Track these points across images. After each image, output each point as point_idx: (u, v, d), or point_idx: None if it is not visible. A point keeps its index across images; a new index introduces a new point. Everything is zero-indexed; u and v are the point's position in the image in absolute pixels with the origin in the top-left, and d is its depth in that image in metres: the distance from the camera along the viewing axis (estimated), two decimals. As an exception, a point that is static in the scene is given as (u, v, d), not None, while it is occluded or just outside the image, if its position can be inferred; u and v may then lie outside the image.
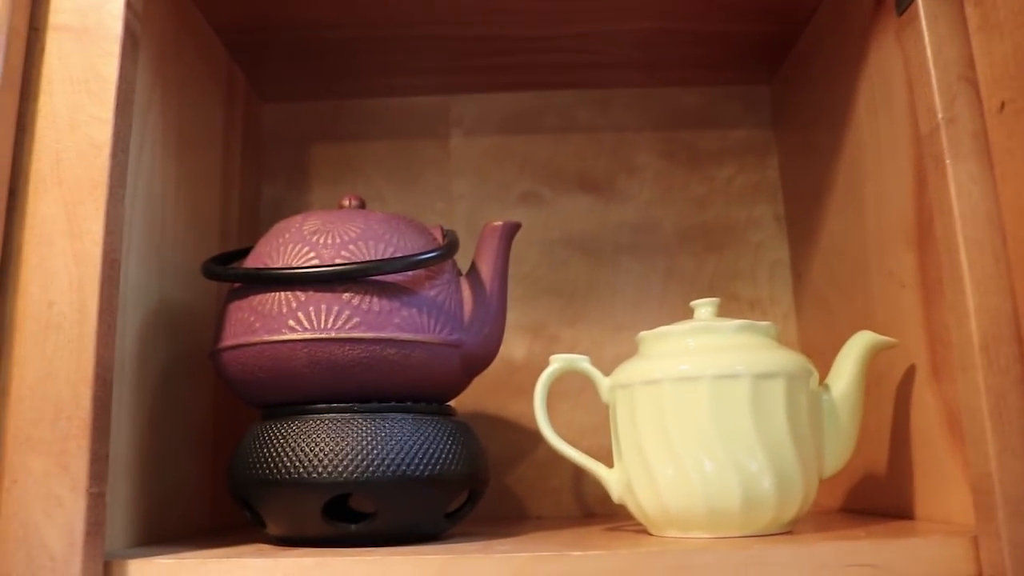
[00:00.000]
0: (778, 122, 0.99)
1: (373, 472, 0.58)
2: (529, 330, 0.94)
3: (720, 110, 1.00)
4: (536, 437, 0.91)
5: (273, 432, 0.60)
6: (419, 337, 0.61)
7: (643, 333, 0.65)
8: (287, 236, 0.65)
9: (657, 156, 0.99)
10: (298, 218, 0.67)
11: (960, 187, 0.56)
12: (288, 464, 0.58)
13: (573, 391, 0.92)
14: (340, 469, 0.57)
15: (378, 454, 0.58)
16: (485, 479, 0.65)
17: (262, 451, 0.60)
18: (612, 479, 0.64)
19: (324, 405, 0.61)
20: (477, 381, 0.91)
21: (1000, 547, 0.52)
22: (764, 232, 0.97)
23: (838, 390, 0.63)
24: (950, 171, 0.56)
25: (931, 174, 0.58)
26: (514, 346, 0.93)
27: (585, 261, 0.96)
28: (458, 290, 0.66)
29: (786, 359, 0.60)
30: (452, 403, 0.86)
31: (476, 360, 0.66)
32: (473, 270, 0.69)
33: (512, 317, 0.93)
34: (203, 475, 0.77)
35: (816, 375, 0.63)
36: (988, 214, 0.55)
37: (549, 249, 0.96)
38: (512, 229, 0.69)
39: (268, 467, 0.59)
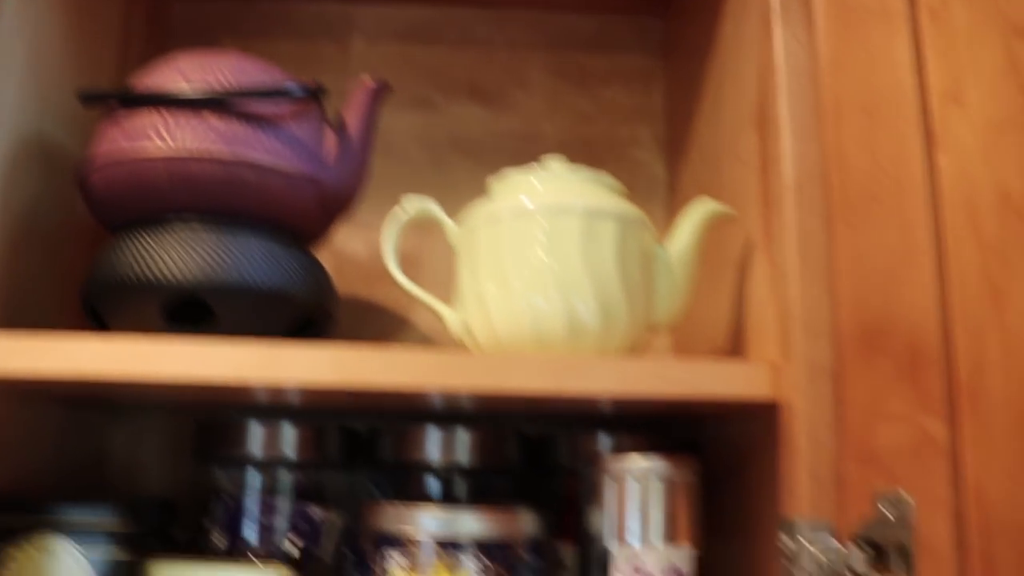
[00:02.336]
0: (667, 53, 1.02)
1: (216, 276, 0.59)
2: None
3: (613, 36, 1.03)
4: (407, 324, 0.93)
5: (125, 241, 0.62)
6: (278, 164, 0.63)
7: (492, 178, 0.67)
8: (160, 66, 0.67)
9: (548, 74, 1.02)
10: (175, 53, 0.69)
11: (786, 46, 0.60)
12: (135, 267, 0.60)
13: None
14: (184, 272, 0.59)
15: (223, 261, 0.60)
16: (329, 310, 0.67)
17: (112, 258, 0.61)
18: (451, 315, 0.67)
19: (175, 214, 0.63)
20: (360, 272, 0.93)
21: (796, 372, 0.55)
22: (644, 151, 1.01)
23: (674, 248, 0.66)
24: (777, 32, 0.60)
25: (765, 41, 0.61)
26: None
27: (469, 165, 0.99)
28: (322, 132, 0.68)
29: (622, 205, 0.63)
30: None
31: (334, 199, 0.68)
32: (340, 120, 0.71)
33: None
34: (64, 309, 0.77)
35: (653, 230, 0.66)
36: (809, 71, 0.59)
37: (437, 152, 0.99)
38: (383, 89, 0.72)
39: (116, 272, 0.60)
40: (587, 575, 0.63)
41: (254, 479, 0.73)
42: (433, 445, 0.72)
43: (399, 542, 0.58)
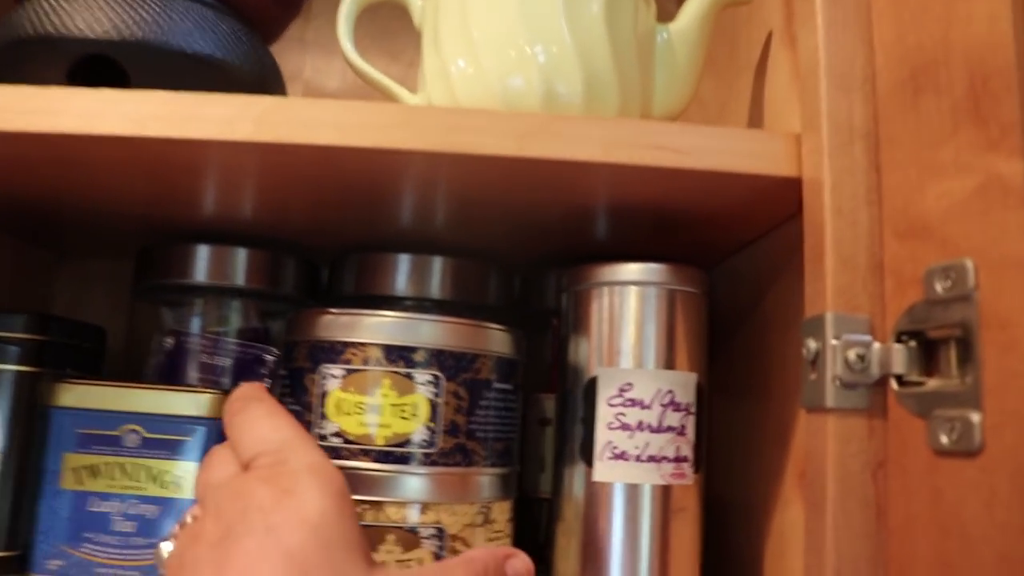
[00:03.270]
0: None
1: (130, 34, 0.48)
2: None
3: None
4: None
5: None
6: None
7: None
8: None
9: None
10: None
11: None
12: (35, 22, 0.49)
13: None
14: (94, 27, 0.48)
15: (140, 17, 0.49)
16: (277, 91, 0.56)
17: (12, 14, 0.50)
18: (413, 101, 0.55)
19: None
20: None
21: (821, 139, 0.43)
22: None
23: (677, 28, 0.54)
24: None
25: None
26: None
27: None
28: None
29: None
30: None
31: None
32: None
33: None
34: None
35: (654, 7, 0.53)
36: None
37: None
38: None
39: (15, 28, 0.49)
40: (569, 409, 0.51)
41: (197, 312, 0.62)
42: (401, 276, 0.60)
43: (339, 356, 0.46)
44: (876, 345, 0.41)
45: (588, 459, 0.49)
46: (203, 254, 0.61)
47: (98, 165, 0.49)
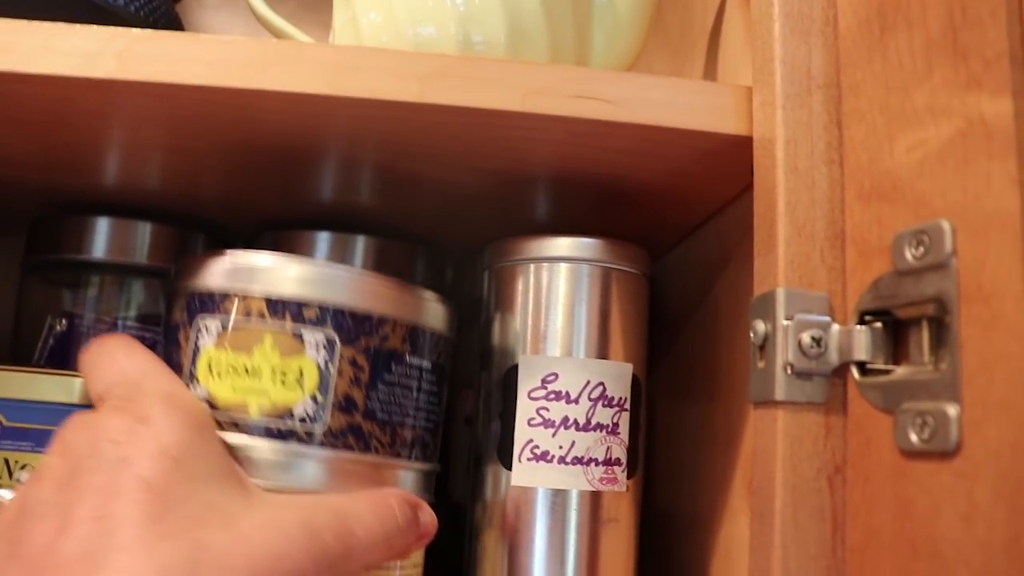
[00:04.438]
0: None
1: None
2: None
3: None
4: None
5: None
6: None
7: None
8: None
9: None
10: None
11: None
12: None
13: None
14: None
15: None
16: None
17: None
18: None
19: None
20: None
21: (773, 91, 0.36)
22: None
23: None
24: None
25: None
26: None
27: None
28: None
29: None
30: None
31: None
32: None
33: None
34: None
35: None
36: None
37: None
38: None
39: None
40: (487, 404, 0.43)
41: (94, 293, 0.54)
42: (319, 256, 0.52)
43: (216, 307, 0.38)
44: (835, 327, 0.33)
45: (506, 460, 0.41)
46: (102, 227, 0.53)
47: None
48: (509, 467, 0.41)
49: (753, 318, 0.35)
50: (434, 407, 0.42)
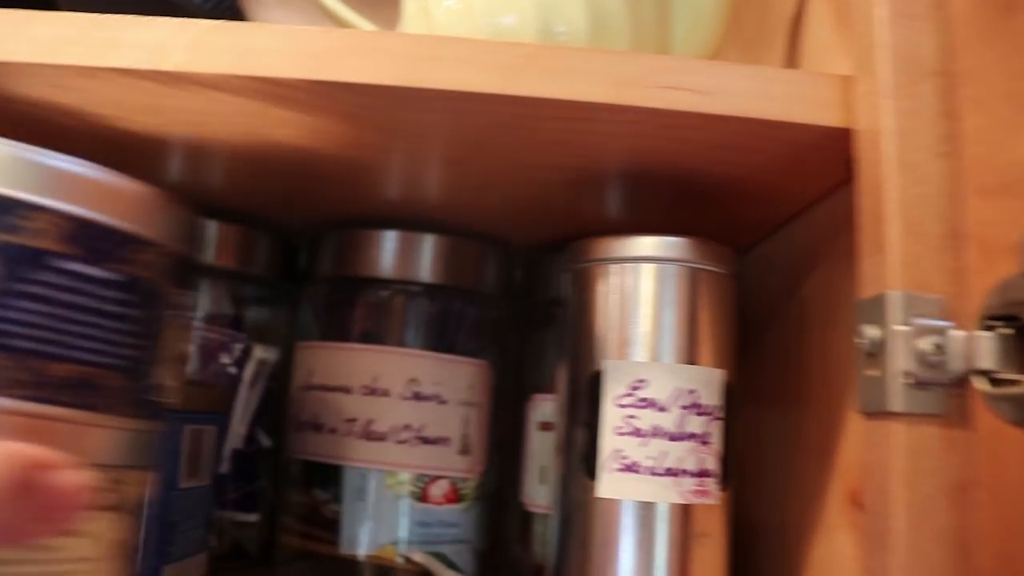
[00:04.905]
0: None
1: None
2: None
3: None
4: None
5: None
6: None
7: None
8: None
9: None
10: None
11: None
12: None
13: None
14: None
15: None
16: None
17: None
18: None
19: None
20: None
21: (878, 80, 0.33)
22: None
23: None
24: None
25: None
26: None
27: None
28: None
29: None
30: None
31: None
32: None
33: None
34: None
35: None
36: None
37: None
38: None
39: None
40: (570, 410, 0.41)
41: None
42: (387, 255, 0.50)
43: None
44: (955, 333, 0.30)
45: (591, 470, 0.39)
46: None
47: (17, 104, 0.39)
48: (595, 477, 0.38)
49: (861, 322, 0.32)
50: (136, 339, 0.30)
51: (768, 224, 0.49)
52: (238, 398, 0.51)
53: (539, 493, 0.50)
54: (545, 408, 0.50)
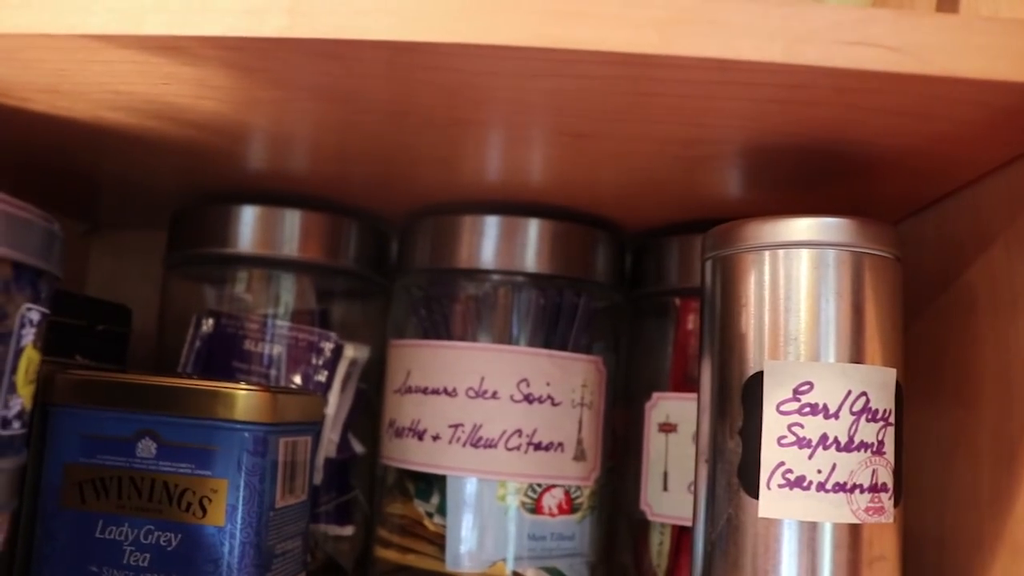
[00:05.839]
0: None
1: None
2: None
3: None
4: None
5: None
6: None
7: None
8: None
9: None
10: None
11: None
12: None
13: None
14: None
15: None
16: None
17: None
18: None
19: None
20: None
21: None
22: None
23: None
24: None
25: None
26: None
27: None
28: None
29: None
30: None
31: None
32: None
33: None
34: None
35: None
36: None
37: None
38: None
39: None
40: (719, 416, 0.35)
41: (242, 289, 0.48)
42: (488, 242, 0.45)
43: None
44: None
45: (750, 486, 0.33)
46: (248, 217, 0.47)
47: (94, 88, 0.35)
48: (755, 495, 0.33)
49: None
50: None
51: (918, 200, 0.43)
52: (329, 402, 0.46)
53: (662, 501, 0.45)
54: (666, 407, 0.45)
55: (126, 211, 0.58)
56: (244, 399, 0.38)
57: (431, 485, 0.45)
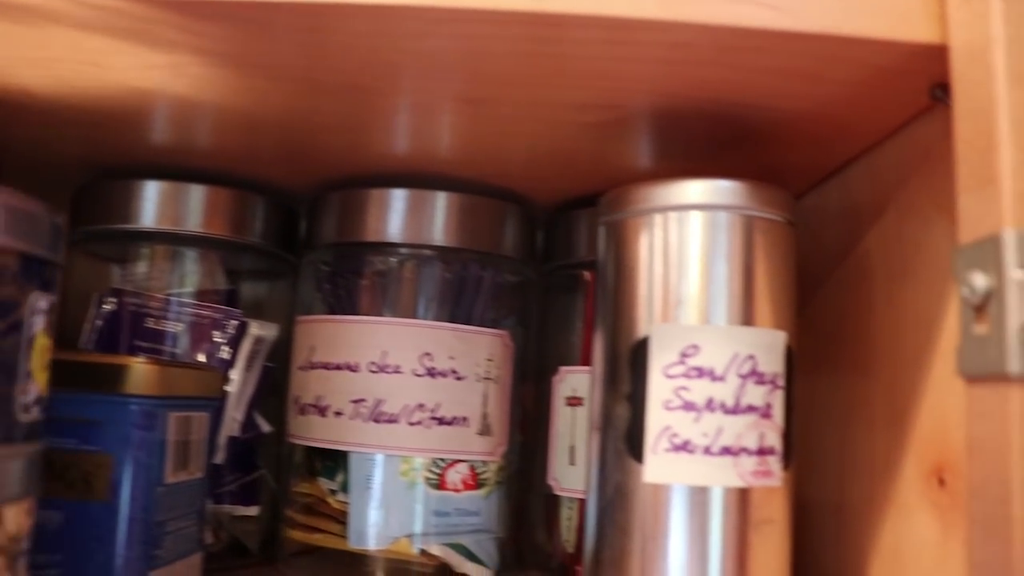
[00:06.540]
0: None
1: None
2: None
3: None
4: None
5: None
6: None
7: None
8: None
9: None
10: None
11: None
12: None
13: None
14: None
15: None
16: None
17: None
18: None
19: None
20: None
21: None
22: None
23: None
24: None
25: None
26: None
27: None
28: None
29: None
30: None
31: None
32: None
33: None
34: None
35: None
36: None
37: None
38: None
39: None
40: (608, 383, 0.35)
41: (144, 267, 0.47)
42: (395, 216, 0.44)
43: None
44: (1088, 277, 0.24)
45: (636, 451, 0.33)
46: (151, 192, 0.46)
47: None
48: (641, 459, 0.33)
49: (965, 269, 0.27)
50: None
51: (821, 169, 0.43)
52: (233, 380, 0.45)
53: (568, 475, 0.44)
54: (573, 381, 0.45)
55: (29, 190, 0.56)
56: (131, 372, 0.37)
57: (336, 463, 0.44)
